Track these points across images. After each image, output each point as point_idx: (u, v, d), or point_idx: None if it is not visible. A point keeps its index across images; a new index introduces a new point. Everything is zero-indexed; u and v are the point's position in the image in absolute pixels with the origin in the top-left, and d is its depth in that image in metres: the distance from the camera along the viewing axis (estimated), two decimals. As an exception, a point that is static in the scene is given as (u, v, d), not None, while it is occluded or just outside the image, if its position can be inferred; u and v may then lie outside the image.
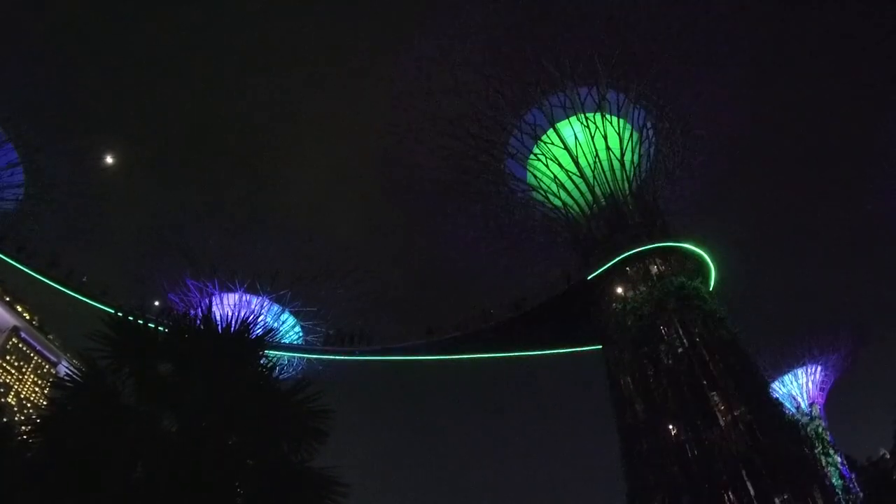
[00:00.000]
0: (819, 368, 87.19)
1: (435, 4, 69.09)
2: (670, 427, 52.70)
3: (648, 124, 71.13)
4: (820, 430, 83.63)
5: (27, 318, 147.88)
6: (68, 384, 9.85)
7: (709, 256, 64.91)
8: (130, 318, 10.55)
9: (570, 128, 69.88)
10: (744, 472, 47.77)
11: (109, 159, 76.98)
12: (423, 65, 71.06)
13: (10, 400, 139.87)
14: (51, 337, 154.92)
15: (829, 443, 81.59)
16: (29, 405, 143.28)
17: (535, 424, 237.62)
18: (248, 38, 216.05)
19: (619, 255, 62.86)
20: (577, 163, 69.42)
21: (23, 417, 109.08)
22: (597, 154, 69.20)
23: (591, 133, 69.04)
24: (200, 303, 72.60)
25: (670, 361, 55.70)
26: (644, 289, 61.46)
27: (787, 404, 75.90)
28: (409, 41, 71.25)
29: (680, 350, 56.23)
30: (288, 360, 77.08)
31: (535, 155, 71.29)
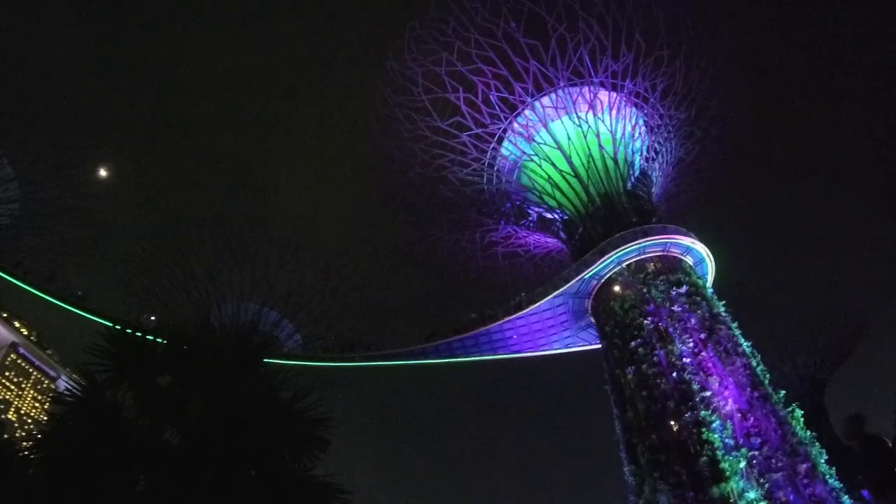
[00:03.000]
0: (819, 359, 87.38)
1: (424, 9, 69.04)
2: (672, 423, 52.66)
3: (641, 122, 71.23)
4: (822, 420, 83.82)
5: (25, 333, 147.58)
6: (68, 399, 9.86)
7: (705, 252, 64.99)
8: (128, 331, 10.57)
9: (563, 127, 69.93)
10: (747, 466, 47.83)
11: (103, 172, 76.78)
12: (413, 69, 71.13)
13: (10, 416, 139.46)
14: (49, 352, 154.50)
15: (831, 433, 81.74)
16: (29, 421, 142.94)
17: (537, 424, 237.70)
18: (240, 48, 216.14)
19: (615, 254, 62.87)
20: (570, 162, 69.48)
21: (23, 434, 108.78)
22: (590, 153, 69.20)
23: (583, 132, 69.11)
24: (198, 314, 72.37)
25: (670, 357, 55.70)
26: (642, 285, 61.48)
27: (788, 396, 75.88)
28: (398, 46, 71.24)
29: (679, 345, 56.25)
30: (287, 369, 76.82)
31: (529, 156, 71.32)
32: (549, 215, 73.32)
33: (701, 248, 64.68)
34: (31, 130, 71.82)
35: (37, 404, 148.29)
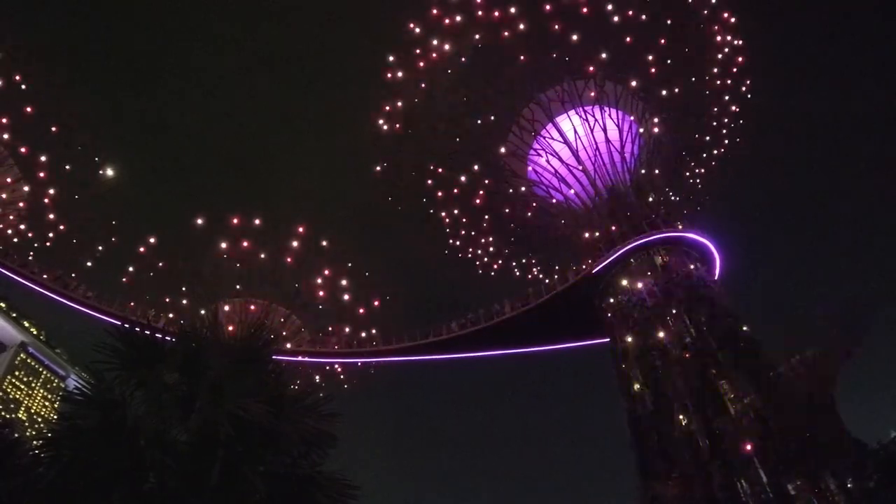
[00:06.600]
0: (828, 351, 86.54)
1: (431, 3, 69.06)
2: (680, 417, 52.56)
3: (647, 115, 70.96)
4: (830, 414, 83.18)
5: (34, 332, 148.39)
6: (78, 398, 9.86)
7: (713, 245, 64.72)
8: (136, 329, 10.57)
9: (570, 121, 69.78)
10: (756, 460, 47.66)
11: (110, 171, 76.86)
12: (421, 63, 71.15)
13: (20, 415, 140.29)
14: (58, 351, 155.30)
15: (839, 426, 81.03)
16: (40, 420, 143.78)
17: (546, 420, 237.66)
18: (243, 47, 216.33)
19: (623, 248, 62.68)
20: (577, 156, 69.32)
21: (33, 432, 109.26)
22: (597, 147, 69.06)
23: (590, 126, 68.92)
24: (206, 311, 72.55)
25: (677, 351, 55.56)
26: (649, 280, 61.31)
27: (797, 389, 75.27)
28: (405, 40, 71.30)
29: (687, 339, 56.09)
30: (295, 365, 76.91)
31: (535, 150, 71.22)
32: (556, 209, 73.21)
33: (708, 243, 64.42)
34: (38, 131, 72.05)
35: (46, 403, 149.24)
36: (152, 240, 74.30)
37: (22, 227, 76.40)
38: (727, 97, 75.18)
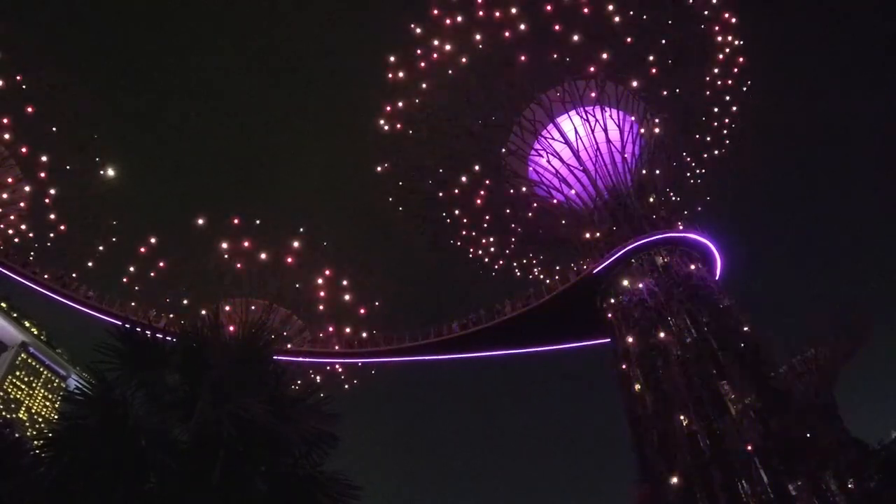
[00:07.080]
0: (829, 352, 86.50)
1: (431, 3, 69.10)
2: (681, 417, 52.51)
3: (649, 115, 70.93)
4: (830, 414, 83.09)
5: (35, 333, 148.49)
6: (78, 398, 9.85)
7: (714, 246, 64.67)
8: (137, 329, 10.57)
9: (570, 122, 69.77)
10: (756, 460, 47.62)
11: (111, 171, 76.79)
12: (422, 64, 71.17)
13: (21, 415, 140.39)
14: (59, 351, 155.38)
15: (840, 427, 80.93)
16: (40, 419, 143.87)
17: (546, 420, 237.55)
18: (243, 47, 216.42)
19: (624, 248, 62.61)
20: (578, 157, 69.29)
21: (34, 432, 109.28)
22: (598, 147, 69.05)
23: (591, 126, 68.90)
24: (207, 312, 72.28)
25: (679, 352, 55.51)
26: (650, 280, 61.26)
27: (797, 390, 75.23)
28: (406, 40, 71.33)
29: (688, 340, 56.05)
30: (296, 366, 76.77)
31: (536, 150, 71.18)
32: (556, 210, 73.16)
33: (709, 243, 64.39)
34: (39, 130, 72.00)
35: (47, 403, 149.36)
36: (153, 240, 74.05)
37: (23, 227, 76.36)
38: (728, 97, 75.21)
